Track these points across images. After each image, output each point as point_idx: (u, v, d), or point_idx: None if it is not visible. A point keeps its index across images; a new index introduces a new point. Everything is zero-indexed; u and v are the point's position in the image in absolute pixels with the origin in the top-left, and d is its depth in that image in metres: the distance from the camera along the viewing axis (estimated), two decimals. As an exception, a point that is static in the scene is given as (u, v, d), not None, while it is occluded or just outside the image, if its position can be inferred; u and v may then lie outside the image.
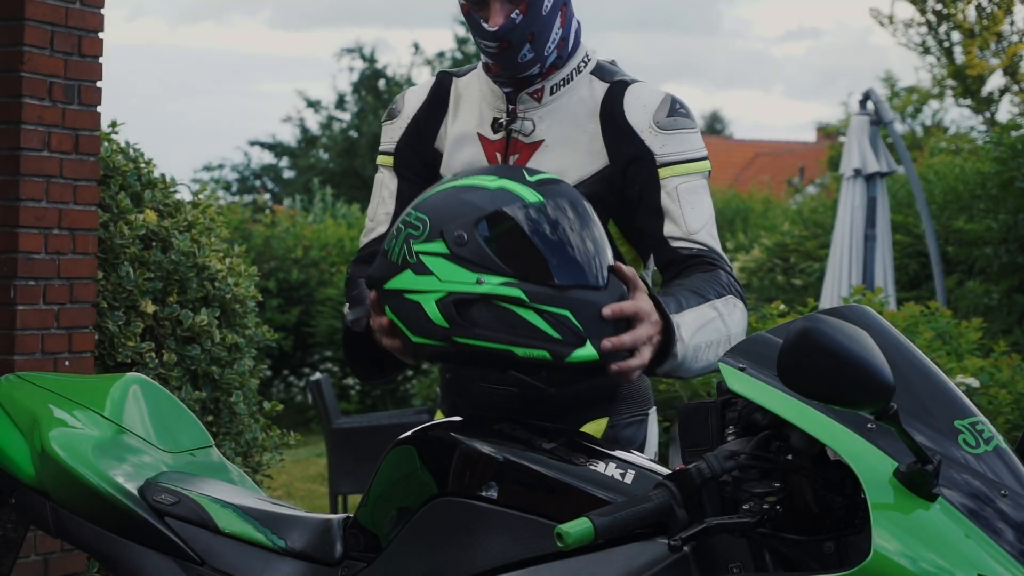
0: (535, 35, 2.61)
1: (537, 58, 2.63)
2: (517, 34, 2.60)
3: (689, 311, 2.43)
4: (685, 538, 2.08)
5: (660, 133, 2.63)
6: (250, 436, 5.09)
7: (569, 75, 2.69)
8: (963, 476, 2.09)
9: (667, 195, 2.62)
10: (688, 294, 2.47)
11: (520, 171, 2.39)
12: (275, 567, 2.63)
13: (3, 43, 4.51)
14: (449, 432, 2.45)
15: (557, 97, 2.69)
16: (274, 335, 5.30)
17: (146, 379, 3.11)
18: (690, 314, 2.42)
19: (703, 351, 2.44)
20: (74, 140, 4.64)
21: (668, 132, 2.63)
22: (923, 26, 17.97)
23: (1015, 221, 9.60)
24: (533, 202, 2.32)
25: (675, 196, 2.62)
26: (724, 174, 30.84)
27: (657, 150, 2.62)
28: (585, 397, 2.67)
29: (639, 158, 2.63)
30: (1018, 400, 5.49)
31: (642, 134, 2.63)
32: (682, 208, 2.61)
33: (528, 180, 2.36)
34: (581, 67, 2.71)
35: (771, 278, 12.35)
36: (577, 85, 2.69)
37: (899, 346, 2.21)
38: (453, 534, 2.36)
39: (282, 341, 11.69)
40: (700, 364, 2.45)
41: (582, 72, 2.70)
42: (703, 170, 2.66)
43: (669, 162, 2.62)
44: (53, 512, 2.91)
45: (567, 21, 2.68)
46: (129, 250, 4.77)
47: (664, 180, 2.62)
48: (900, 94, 23.72)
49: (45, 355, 4.54)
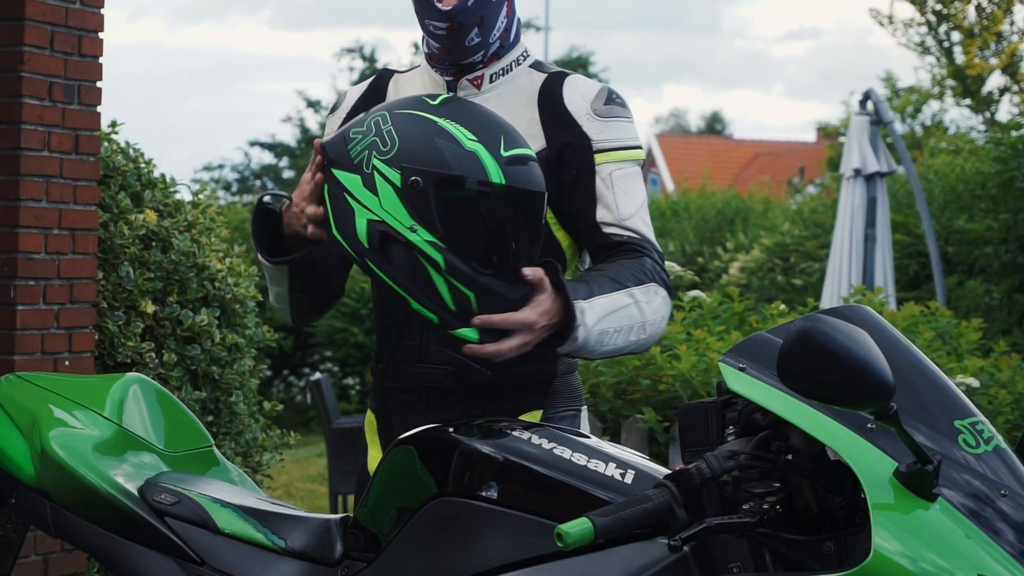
0: (483, 19, 2.69)
1: (483, 44, 2.71)
2: (468, 15, 2.67)
3: (600, 297, 2.51)
4: (685, 538, 2.08)
5: (597, 120, 2.71)
6: (250, 436, 5.09)
7: (509, 66, 2.78)
8: (963, 476, 2.09)
9: (601, 181, 2.69)
10: (604, 280, 2.55)
11: (499, 137, 2.48)
12: (275, 567, 2.63)
13: (3, 43, 4.51)
14: (449, 432, 2.45)
15: (496, 86, 2.76)
16: (274, 335, 5.30)
17: (146, 379, 3.11)
18: (600, 300, 2.51)
19: (611, 336, 2.53)
20: (74, 140, 4.64)
21: (605, 119, 2.71)
22: (923, 26, 17.97)
23: (1015, 221, 9.60)
24: (495, 184, 2.43)
25: (609, 182, 2.69)
26: (724, 174, 30.82)
27: (594, 136, 2.70)
28: (519, 383, 2.72)
29: (575, 143, 2.70)
30: (1018, 400, 5.49)
31: (579, 120, 2.71)
32: (615, 194, 2.69)
33: (502, 155, 2.45)
34: (520, 60, 2.79)
35: (771, 278, 12.35)
36: (516, 75, 2.77)
37: (899, 346, 2.21)
38: (453, 534, 2.36)
39: (282, 341, 11.68)
40: (607, 348, 2.55)
41: (521, 64, 2.79)
42: (637, 159, 2.74)
43: (605, 148, 2.70)
44: (53, 512, 2.91)
45: (512, 13, 2.77)
46: (129, 250, 4.77)
47: (599, 166, 2.70)
48: (900, 94, 23.71)
49: (45, 355, 4.54)
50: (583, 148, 2.69)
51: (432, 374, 2.72)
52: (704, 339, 5.09)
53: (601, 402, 5.06)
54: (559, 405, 2.77)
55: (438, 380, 2.72)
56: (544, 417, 2.74)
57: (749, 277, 12.61)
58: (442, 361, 2.71)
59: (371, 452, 2.86)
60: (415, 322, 2.72)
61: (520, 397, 2.73)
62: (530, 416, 2.74)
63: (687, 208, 15.12)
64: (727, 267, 13.39)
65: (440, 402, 2.73)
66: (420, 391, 2.74)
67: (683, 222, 14.75)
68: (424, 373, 2.73)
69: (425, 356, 2.73)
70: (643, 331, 2.57)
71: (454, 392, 2.71)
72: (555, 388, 2.77)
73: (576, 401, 2.81)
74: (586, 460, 2.33)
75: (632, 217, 2.68)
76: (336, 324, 12.43)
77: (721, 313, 5.64)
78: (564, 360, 2.77)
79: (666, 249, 14.14)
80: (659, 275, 2.63)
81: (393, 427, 2.78)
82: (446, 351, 2.69)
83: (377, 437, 2.84)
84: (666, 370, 4.94)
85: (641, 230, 2.68)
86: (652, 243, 2.69)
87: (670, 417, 4.87)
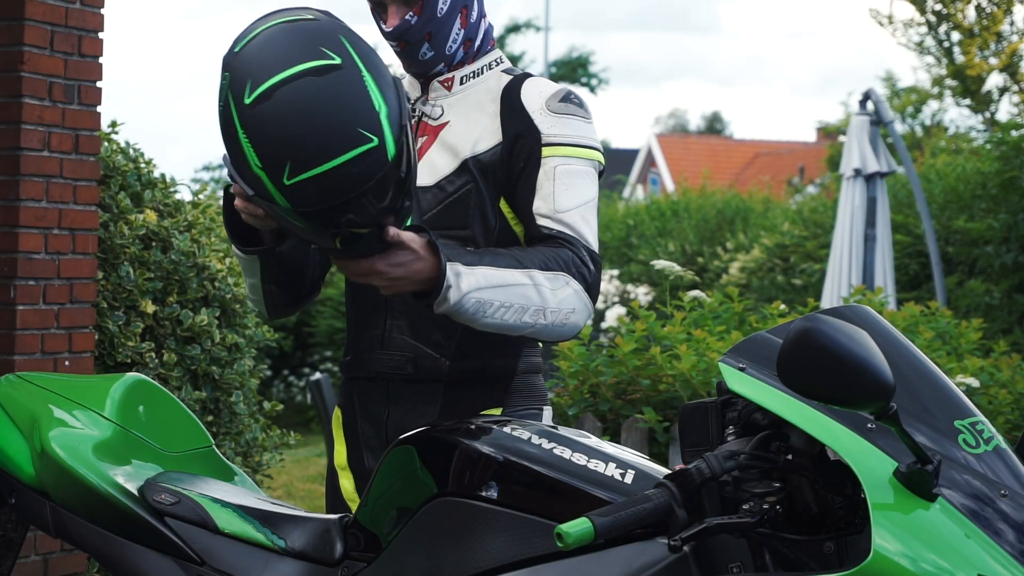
0: (432, 35, 2.75)
1: (439, 56, 2.78)
2: (412, 34, 2.75)
3: (488, 268, 2.53)
4: (685, 538, 2.08)
5: (550, 115, 2.74)
6: (250, 436, 5.09)
7: (480, 69, 2.83)
8: (963, 476, 2.09)
9: (544, 173, 2.71)
10: (503, 256, 2.57)
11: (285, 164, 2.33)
12: (275, 567, 2.63)
13: (3, 43, 4.51)
14: (449, 432, 2.45)
15: (466, 88, 2.81)
16: (274, 335, 5.30)
17: (146, 379, 3.12)
18: (487, 271, 2.53)
19: (496, 309, 2.54)
20: (74, 140, 4.64)
21: (558, 115, 2.74)
22: (923, 26, 17.96)
23: (1015, 221, 9.60)
24: (283, 206, 2.35)
25: (552, 175, 2.71)
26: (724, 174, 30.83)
27: (544, 130, 2.73)
28: (478, 376, 2.76)
29: (526, 135, 2.73)
30: (1018, 400, 5.49)
31: (533, 114, 2.74)
32: (555, 187, 2.70)
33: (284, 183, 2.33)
34: (493, 65, 2.84)
35: (771, 278, 12.35)
36: (487, 79, 2.82)
37: (899, 346, 2.21)
38: (453, 534, 2.36)
39: (282, 341, 11.68)
40: (491, 320, 2.55)
41: (493, 69, 2.84)
42: (590, 158, 2.74)
43: (553, 143, 2.72)
44: (53, 512, 2.91)
45: (470, 23, 2.80)
46: (129, 250, 4.77)
47: (545, 159, 2.72)
48: (900, 94, 23.71)
49: (45, 355, 4.54)
50: (533, 141, 2.72)
51: (392, 360, 2.77)
52: (704, 339, 5.08)
53: (601, 402, 5.06)
54: (519, 404, 2.80)
55: (398, 367, 2.76)
56: (504, 414, 2.76)
57: (749, 277, 12.60)
58: (402, 348, 2.76)
59: (337, 448, 2.90)
60: (380, 312, 2.78)
61: (479, 393, 2.77)
62: (491, 413, 2.76)
63: (687, 208, 15.11)
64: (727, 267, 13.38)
65: (400, 393, 2.77)
66: (382, 380, 2.79)
67: (683, 222, 14.74)
68: (385, 360, 2.77)
69: (387, 343, 2.78)
70: (542, 316, 2.58)
71: (414, 381, 2.75)
72: (516, 387, 2.80)
73: (539, 400, 2.84)
74: (586, 460, 2.33)
75: (569, 212, 2.68)
76: (336, 324, 12.42)
77: (721, 313, 5.63)
78: (525, 359, 2.81)
79: (666, 249, 14.13)
80: (577, 268, 2.63)
81: (357, 421, 2.84)
82: (407, 339, 2.75)
83: (342, 432, 2.89)
84: (666, 370, 4.94)
85: (576, 225, 2.68)
86: (584, 240, 2.68)
87: (670, 417, 4.86)
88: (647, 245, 14.46)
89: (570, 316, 2.61)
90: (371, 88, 2.34)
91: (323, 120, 2.29)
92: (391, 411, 2.78)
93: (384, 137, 2.32)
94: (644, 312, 5.26)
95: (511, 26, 27.73)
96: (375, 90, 2.34)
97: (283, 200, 2.34)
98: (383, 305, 2.78)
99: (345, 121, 2.30)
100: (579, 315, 2.64)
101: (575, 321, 2.63)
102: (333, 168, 2.29)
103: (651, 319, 5.21)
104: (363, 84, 2.33)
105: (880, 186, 9.15)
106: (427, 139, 2.80)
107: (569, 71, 28.17)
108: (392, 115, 2.34)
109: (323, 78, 2.31)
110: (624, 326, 5.42)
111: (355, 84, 2.32)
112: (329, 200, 2.32)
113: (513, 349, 2.79)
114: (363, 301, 2.82)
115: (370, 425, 2.81)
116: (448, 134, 2.78)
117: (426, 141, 2.80)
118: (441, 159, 2.76)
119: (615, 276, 12.55)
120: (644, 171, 35.99)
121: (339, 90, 2.31)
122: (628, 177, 32.26)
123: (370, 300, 2.79)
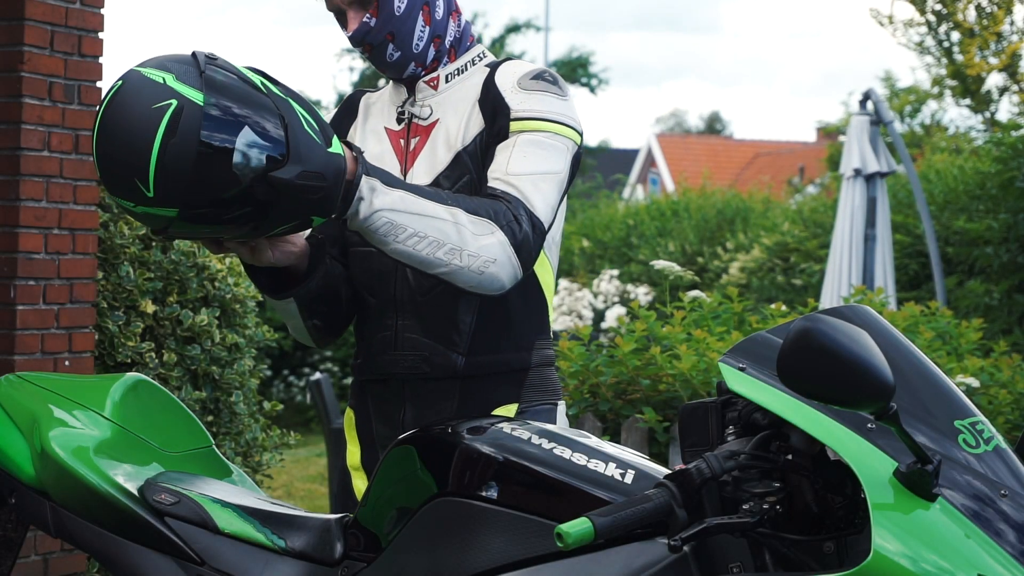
0: (394, 35, 2.74)
1: (407, 56, 2.76)
2: (373, 36, 2.74)
3: (409, 195, 2.53)
4: (685, 538, 2.08)
5: (520, 92, 2.72)
6: (250, 436, 5.09)
7: (464, 66, 2.83)
8: (963, 476, 2.09)
9: (506, 143, 2.68)
10: (431, 191, 2.57)
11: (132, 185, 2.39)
12: (275, 567, 2.63)
13: (3, 43, 4.51)
14: (449, 432, 2.45)
15: (452, 85, 2.81)
16: (274, 335, 5.30)
17: (146, 379, 3.11)
18: (408, 196, 2.52)
19: (407, 236, 2.51)
20: (74, 140, 4.64)
21: (528, 92, 2.71)
22: (923, 26, 17.96)
23: (1015, 221, 9.60)
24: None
25: (512, 143, 2.68)
26: (724, 174, 30.82)
27: (515, 106, 2.71)
28: (493, 371, 2.75)
29: (500, 115, 2.71)
30: (1018, 400, 5.48)
31: (505, 93, 2.73)
32: (512, 152, 2.66)
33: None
34: (476, 60, 2.84)
35: (771, 278, 12.34)
36: (472, 74, 2.82)
37: (899, 346, 2.21)
38: (453, 534, 2.36)
39: (282, 341, 11.67)
40: (400, 247, 2.52)
41: (477, 64, 2.84)
42: (560, 134, 2.69)
43: (522, 117, 2.69)
44: (53, 512, 2.91)
45: (435, 20, 2.78)
46: (129, 250, 4.77)
47: (513, 134, 2.69)
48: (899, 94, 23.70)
49: (45, 355, 4.54)
50: (504, 119, 2.70)
51: (406, 360, 2.76)
52: (704, 339, 5.08)
53: (601, 402, 5.06)
54: (534, 399, 2.79)
55: (413, 366, 2.75)
56: (519, 410, 2.76)
57: (749, 277, 12.60)
58: (415, 348, 2.75)
59: (350, 448, 2.89)
60: (388, 313, 2.78)
61: (494, 388, 2.76)
62: (506, 409, 2.76)
63: (687, 208, 15.11)
64: (727, 267, 13.38)
65: (416, 392, 2.76)
66: (396, 381, 2.77)
67: (683, 222, 14.74)
68: (399, 360, 2.76)
69: (399, 344, 2.77)
70: (457, 256, 2.52)
71: (429, 380, 2.74)
72: (530, 382, 2.79)
73: (552, 395, 2.83)
74: (586, 460, 2.33)
75: (520, 176, 2.62)
76: (336, 324, 12.41)
77: (721, 313, 5.63)
78: (539, 352, 2.80)
79: (666, 249, 14.13)
80: (508, 223, 2.56)
81: (371, 422, 2.83)
82: (419, 338, 2.75)
83: (355, 433, 2.87)
84: (666, 370, 4.94)
85: (522, 187, 2.62)
86: (527, 202, 2.61)
87: (670, 417, 4.86)
88: (647, 245, 14.46)
89: (489, 265, 2.55)
90: (150, 74, 2.37)
91: (124, 120, 2.36)
92: (407, 410, 2.77)
93: (181, 94, 2.34)
94: (644, 312, 5.26)
95: (511, 26, 27.71)
96: (154, 72, 2.37)
97: (170, 212, 2.37)
98: (391, 306, 2.77)
99: (138, 111, 2.34)
100: (501, 268, 2.56)
101: (494, 272, 2.56)
102: (161, 149, 2.32)
103: (651, 319, 5.21)
104: (142, 76, 2.38)
105: (880, 186, 9.15)
106: (419, 140, 2.80)
107: (569, 71, 28.14)
108: (180, 77, 2.35)
109: (114, 96, 2.39)
110: (624, 326, 5.42)
111: (135, 81, 2.38)
112: (200, 181, 2.33)
113: (526, 342, 2.78)
114: (369, 303, 2.81)
115: (385, 425, 2.80)
116: (439, 132, 2.78)
117: (419, 142, 2.80)
118: (435, 157, 2.76)
119: (615, 276, 12.54)
120: (644, 171, 36.00)
121: (124, 94, 2.38)
122: (628, 177, 32.25)
123: (377, 302, 2.79)
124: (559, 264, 2.74)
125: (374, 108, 2.90)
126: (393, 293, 2.77)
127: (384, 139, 2.84)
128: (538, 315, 2.82)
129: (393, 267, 2.76)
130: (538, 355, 2.81)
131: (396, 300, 2.77)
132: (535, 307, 2.81)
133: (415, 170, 2.77)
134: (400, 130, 2.83)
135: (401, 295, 2.77)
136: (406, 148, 2.81)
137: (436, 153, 2.76)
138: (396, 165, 2.79)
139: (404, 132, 2.82)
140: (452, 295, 2.72)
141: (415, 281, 2.75)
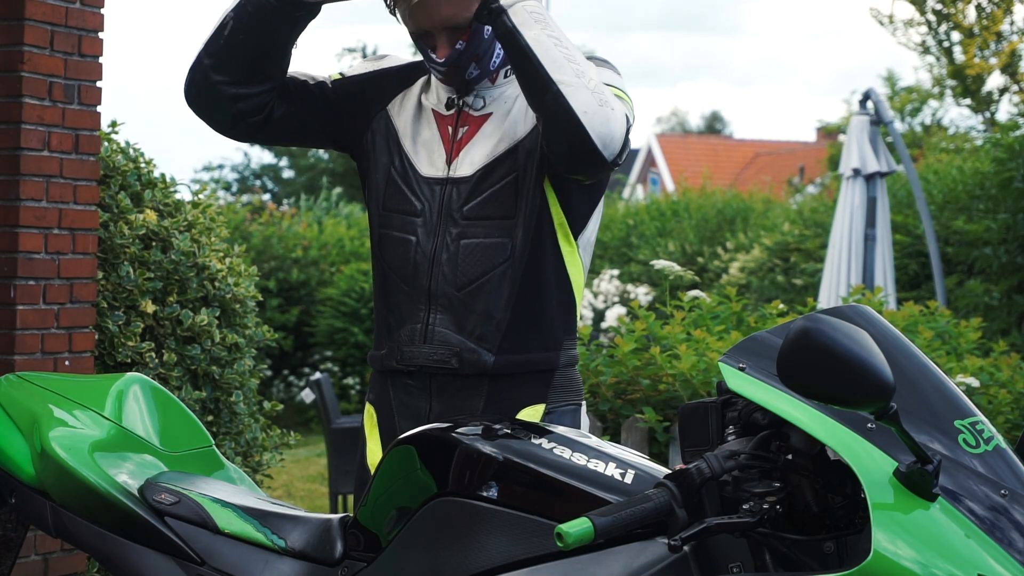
0: (479, 56, 2.80)
1: (483, 73, 2.83)
2: (464, 59, 2.79)
3: (549, 17, 2.66)
4: (685, 538, 2.08)
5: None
6: (250, 436, 5.09)
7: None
8: (963, 476, 2.09)
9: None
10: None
11: None
12: (275, 567, 2.63)
13: (3, 43, 4.51)
14: (449, 432, 2.45)
15: (511, 79, 2.84)
16: (274, 335, 5.30)
17: (146, 379, 3.12)
18: (548, 15, 2.66)
19: (547, 40, 2.62)
20: (74, 140, 4.64)
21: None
22: (923, 26, 17.96)
23: (1014, 221, 9.60)
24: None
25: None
26: (724, 174, 30.82)
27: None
28: (522, 370, 2.75)
29: None
30: (1018, 400, 5.48)
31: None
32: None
33: None
34: None
35: (771, 278, 12.34)
36: None
37: (899, 346, 2.21)
38: (453, 534, 2.36)
39: (282, 341, 11.69)
40: (539, 33, 2.63)
41: None
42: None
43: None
44: (53, 512, 2.91)
45: None
46: (129, 250, 4.77)
47: None
48: (900, 94, 23.70)
49: (45, 355, 4.54)
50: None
51: (436, 355, 2.75)
52: (704, 339, 5.09)
53: (601, 402, 5.06)
54: (560, 400, 2.79)
55: (442, 361, 2.75)
56: (547, 411, 2.76)
57: (749, 277, 12.60)
58: (446, 342, 2.74)
59: (370, 445, 2.87)
60: (420, 305, 2.76)
61: (522, 387, 2.76)
62: (533, 409, 2.75)
63: (687, 208, 15.11)
64: (727, 267, 13.38)
65: (444, 388, 2.75)
66: (424, 375, 2.76)
67: (683, 222, 14.74)
68: (428, 353, 2.75)
69: (429, 337, 2.76)
70: (579, 76, 2.59)
71: (458, 376, 2.73)
72: (557, 382, 2.79)
73: (577, 395, 2.84)
74: (586, 460, 2.33)
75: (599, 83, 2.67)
76: (336, 324, 12.42)
77: (721, 313, 5.63)
78: (565, 352, 2.80)
79: (666, 249, 14.13)
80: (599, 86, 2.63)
81: (395, 416, 2.81)
82: (451, 333, 2.74)
83: (376, 430, 2.85)
84: (666, 370, 4.94)
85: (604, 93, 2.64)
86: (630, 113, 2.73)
87: (670, 417, 4.86)
88: (647, 245, 14.46)
89: (610, 108, 2.60)
90: None
91: None
92: (433, 406, 2.76)
93: None
94: (644, 312, 5.26)
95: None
96: None
97: None
98: (424, 298, 2.76)
99: None
100: (618, 117, 2.61)
101: (610, 115, 2.59)
102: None
103: (651, 319, 5.21)
104: None
105: (880, 186, 9.14)
106: (468, 129, 2.82)
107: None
108: None
109: None
110: (624, 326, 5.42)
111: None
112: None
113: (555, 341, 2.79)
114: (399, 293, 2.80)
115: (409, 420, 2.78)
116: (490, 125, 2.80)
117: (467, 131, 2.81)
118: (483, 149, 2.78)
119: (615, 276, 12.54)
120: (644, 171, 35.99)
121: None
122: (628, 177, 32.25)
123: (410, 291, 2.78)
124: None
125: (431, 83, 2.90)
126: (428, 285, 2.76)
127: (431, 121, 2.86)
128: (568, 314, 2.82)
129: (431, 259, 2.75)
130: (565, 355, 2.81)
131: (431, 293, 2.75)
132: (566, 306, 2.81)
133: (460, 160, 2.78)
134: (449, 116, 2.84)
135: (436, 288, 2.75)
136: (453, 137, 2.82)
137: (485, 145, 2.78)
138: (442, 152, 2.80)
139: (453, 119, 2.84)
140: (489, 292, 2.72)
141: (453, 275, 2.74)
